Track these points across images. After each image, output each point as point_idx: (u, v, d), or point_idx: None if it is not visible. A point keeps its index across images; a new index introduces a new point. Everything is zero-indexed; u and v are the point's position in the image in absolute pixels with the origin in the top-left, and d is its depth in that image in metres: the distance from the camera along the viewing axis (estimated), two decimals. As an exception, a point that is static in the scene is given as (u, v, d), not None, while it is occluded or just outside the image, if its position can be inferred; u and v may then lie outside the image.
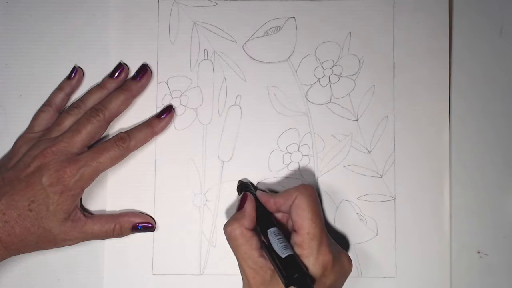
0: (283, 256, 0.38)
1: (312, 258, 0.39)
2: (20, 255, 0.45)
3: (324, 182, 0.47)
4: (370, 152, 0.47)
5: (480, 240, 0.47)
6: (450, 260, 0.46)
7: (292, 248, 0.39)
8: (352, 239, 0.47)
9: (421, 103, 0.47)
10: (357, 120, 0.47)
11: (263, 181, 0.47)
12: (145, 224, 0.46)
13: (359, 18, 0.48)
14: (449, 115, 0.47)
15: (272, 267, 0.39)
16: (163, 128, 0.47)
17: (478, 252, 0.47)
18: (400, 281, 0.46)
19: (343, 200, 0.47)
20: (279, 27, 0.48)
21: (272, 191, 0.46)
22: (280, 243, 0.39)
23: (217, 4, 0.48)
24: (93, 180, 0.44)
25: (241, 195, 0.43)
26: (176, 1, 0.48)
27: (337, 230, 0.47)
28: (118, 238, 0.45)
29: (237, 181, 0.47)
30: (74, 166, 0.42)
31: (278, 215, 0.43)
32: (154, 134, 0.46)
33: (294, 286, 0.37)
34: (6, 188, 0.42)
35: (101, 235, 0.44)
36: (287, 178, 0.47)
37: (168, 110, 0.47)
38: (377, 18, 0.48)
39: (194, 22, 0.48)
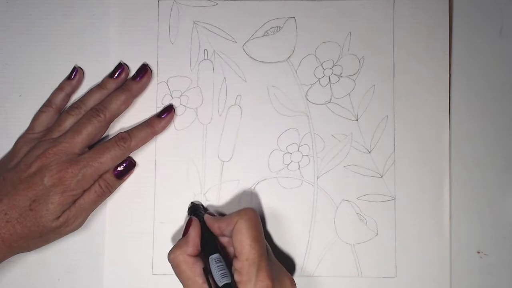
0: (220, 284, 0.38)
1: (251, 285, 0.38)
2: (20, 255, 0.45)
3: (324, 182, 0.47)
4: (370, 152, 0.47)
5: (480, 240, 0.47)
6: (450, 260, 0.46)
7: (232, 275, 0.39)
8: (352, 239, 0.47)
9: (421, 103, 0.47)
10: (357, 120, 0.47)
11: (263, 181, 0.47)
12: (124, 164, 0.45)
13: (359, 18, 0.48)
14: (449, 115, 0.47)
15: None
16: (163, 128, 0.47)
17: (478, 252, 0.47)
18: (400, 281, 0.46)
19: (343, 200, 0.47)
20: (279, 27, 0.48)
21: (247, 205, 0.46)
22: (219, 271, 0.39)
23: (217, 4, 0.48)
24: (94, 181, 0.44)
25: (187, 220, 0.43)
26: (176, 1, 0.48)
27: (337, 230, 0.47)
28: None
29: (190, 203, 0.47)
30: (76, 167, 0.42)
31: (225, 239, 0.43)
32: (155, 133, 0.46)
33: None
34: (8, 188, 0.42)
35: (95, 199, 0.44)
36: (287, 178, 0.47)
37: (169, 110, 0.47)
38: (377, 18, 0.48)
39: (194, 22, 0.48)
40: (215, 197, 0.47)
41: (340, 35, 0.48)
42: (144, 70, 0.47)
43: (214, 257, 0.40)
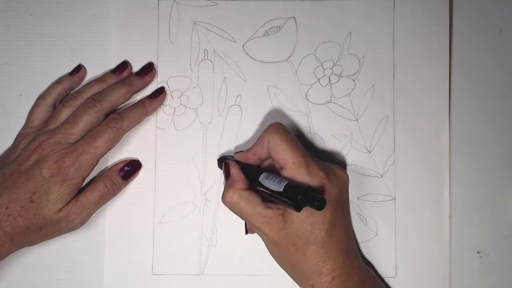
0: (281, 189, 0.38)
1: (306, 182, 0.39)
2: (20, 254, 0.45)
3: (324, 182, 0.47)
4: (370, 152, 0.47)
5: (480, 240, 0.47)
6: (450, 260, 0.46)
7: (286, 179, 0.40)
8: (352, 239, 0.47)
9: (421, 103, 0.47)
10: (357, 120, 0.47)
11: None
12: (130, 165, 0.46)
13: (359, 18, 0.48)
14: (449, 115, 0.47)
15: (281, 211, 0.40)
16: (155, 108, 0.47)
17: (478, 252, 0.47)
18: (400, 281, 0.46)
19: (343, 200, 0.47)
20: (279, 27, 0.48)
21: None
22: (274, 181, 0.39)
23: (217, 4, 0.48)
24: (93, 167, 0.44)
25: (223, 167, 0.44)
26: (176, 1, 0.48)
27: (337, 230, 0.47)
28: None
29: (218, 156, 0.47)
30: (72, 155, 0.42)
31: (265, 165, 0.44)
32: (146, 114, 0.46)
33: (304, 206, 0.37)
34: (8, 182, 0.42)
35: (99, 198, 0.44)
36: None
37: (160, 91, 0.47)
38: (377, 18, 0.48)
39: (194, 22, 0.48)
40: (215, 197, 0.47)
41: (340, 35, 0.48)
42: (149, 69, 0.47)
43: (263, 176, 0.41)
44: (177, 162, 0.47)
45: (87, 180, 0.45)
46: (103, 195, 0.44)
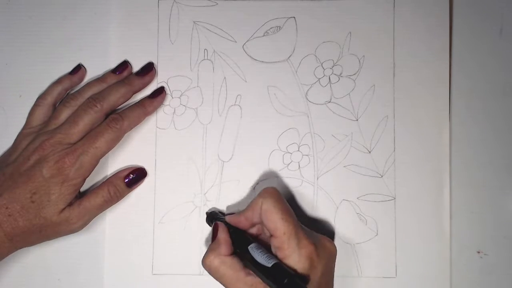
0: (269, 265, 0.38)
1: (295, 255, 0.39)
2: (20, 254, 0.45)
3: (324, 182, 0.47)
4: (370, 152, 0.47)
5: (480, 240, 0.47)
6: (450, 260, 0.46)
7: (275, 256, 0.39)
8: (352, 239, 0.47)
9: (421, 103, 0.47)
10: (357, 120, 0.47)
11: (263, 181, 0.47)
12: (136, 172, 0.46)
13: (359, 18, 0.48)
14: (449, 115, 0.47)
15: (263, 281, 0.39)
16: (155, 108, 0.47)
17: (478, 252, 0.47)
18: (400, 281, 0.46)
19: (343, 200, 0.47)
20: (279, 27, 0.48)
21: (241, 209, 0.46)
22: (263, 255, 0.39)
23: (217, 4, 0.48)
24: (93, 168, 0.44)
25: (212, 226, 0.43)
26: (176, 1, 0.48)
27: (337, 230, 0.47)
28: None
29: (205, 213, 0.46)
30: (73, 155, 0.42)
31: (253, 230, 0.43)
32: (147, 114, 0.46)
33: None
34: (8, 182, 0.42)
35: (101, 204, 0.44)
36: (287, 178, 0.47)
37: (160, 91, 0.47)
38: (377, 18, 0.48)
39: (194, 22, 0.48)
40: (215, 197, 0.47)
41: (340, 35, 0.48)
42: (149, 69, 0.47)
43: (253, 246, 0.40)
44: (177, 162, 0.47)
45: (87, 181, 0.45)
46: (106, 201, 0.44)
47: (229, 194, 0.47)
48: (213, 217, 0.45)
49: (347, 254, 0.46)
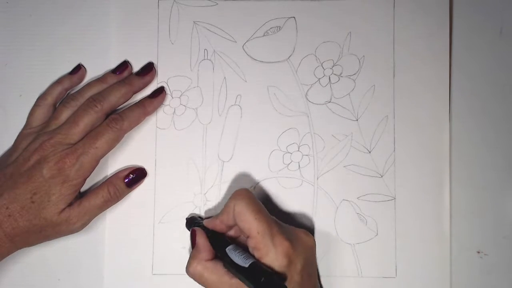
0: (247, 265, 0.38)
1: (272, 253, 0.39)
2: (20, 254, 0.45)
3: (324, 182, 0.47)
4: (370, 152, 0.47)
5: (480, 240, 0.47)
6: (450, 260, 0.46)
7: (252, 256, 0.39)
8: (352, 239, 0.47)
9: (421, 103, 0.47)
10: (357, 120, 0.47)
11: (263, 181, 0.47)
12: (136, 172, 0.46)
13: (359, 18, 0.48)
14: (449, 115, 0.47)
15: None
16: (155, 108, 0.47)
17: (478, 252, 0.47)
18: (400, 281, 0.46)
19: (343, 200, 0.47)
20: (279, 27, 0.48)
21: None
22: (240, 256, 0.39)
23: (217, 4, 0.48)
24: (93, 168, 0.44)
25: (190, 234, 0.43)
26: (176, 1, 0.48)
27: (337, 230, 0.47)
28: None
29: (185, 219, 0.46)
30: (73, 156, 0.42)
31: (232, 232, 0.43)
32: (147, 114, 0.46)
33: None
34: (8, 182, 0.42)
35: (101, 204, 0.44)
36: (287, 178, 0.47)
37: (160, 91, 0.47)
38: (377, 18, 0.48)
39: (194, 22, 0.48)
40: (215, 197, 0.47)
41: (340, 35, 0.48)
42: (149, 69, 0.47)
43: (230, 248, 0.40)
44: (177, 162, 0.47)
45: (87, 181, 0.45)
46: (106, 201, 0.44)
47: (229, 194, 0.47)
48: (192, 222, 0.45)
49: (347, 254, 0.46)
